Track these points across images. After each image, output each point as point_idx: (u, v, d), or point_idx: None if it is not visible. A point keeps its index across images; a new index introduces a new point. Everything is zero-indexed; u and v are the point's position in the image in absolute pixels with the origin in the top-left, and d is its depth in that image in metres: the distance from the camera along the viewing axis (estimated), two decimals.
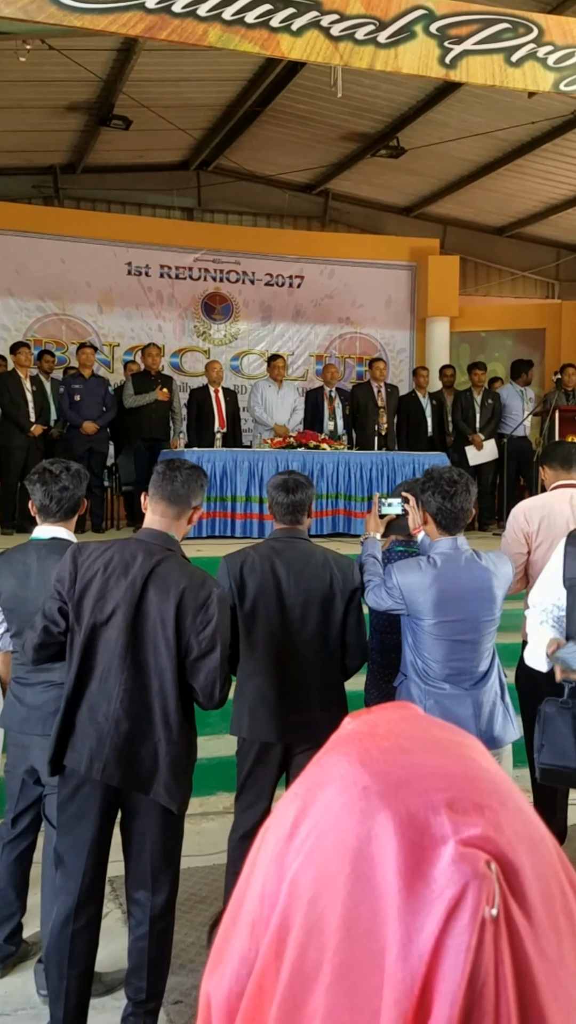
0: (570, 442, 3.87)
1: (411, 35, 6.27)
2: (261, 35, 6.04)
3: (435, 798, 0.60)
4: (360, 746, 0.64)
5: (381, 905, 0.58)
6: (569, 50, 6.48)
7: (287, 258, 11.24)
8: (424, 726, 0.69)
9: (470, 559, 3.11)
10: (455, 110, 9.16)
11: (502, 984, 0.57)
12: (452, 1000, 0.56)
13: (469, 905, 0.57)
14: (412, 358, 11.75)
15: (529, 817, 0.64)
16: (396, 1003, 0.56)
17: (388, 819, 0.59)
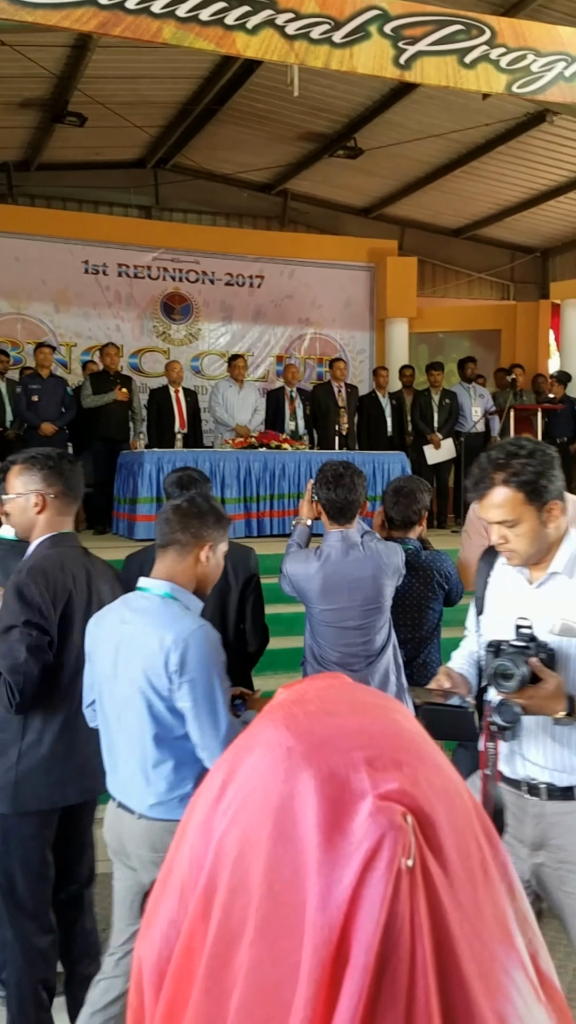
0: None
1: (366, 35, 6.31)
2: (216, 33, 6.04)
3: (355, 756, 0.62)
4: (287, 711, 0.66)
5: (302, 860, 0.60)
6: (521, 52, 6.56)
7: (247, 258, 11.24)
8: (351, 691, 0.71)
9: (356, 549, 3.25)
10: (411, 111, 9.22)
11: (418, 932, 0.58)
12: (368, 947, 0.57)
13: (385, 856, 0.58)
14: (372, 358, 11.81)
15: (446, 772, 0.65)
16: (315, 952, 0.58)
17: (310, 777, 0.61)
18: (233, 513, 7.80)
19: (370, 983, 0.57)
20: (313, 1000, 0.57)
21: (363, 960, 0.57)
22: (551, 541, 2.16)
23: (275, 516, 8.03)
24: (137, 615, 2.34)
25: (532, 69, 6.61)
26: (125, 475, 8.01)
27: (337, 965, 0.58)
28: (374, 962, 0.57)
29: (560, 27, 6.73)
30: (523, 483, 2.07)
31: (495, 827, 0.70)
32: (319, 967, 0.58)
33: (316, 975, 0.58)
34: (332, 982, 0.58)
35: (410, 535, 3.65)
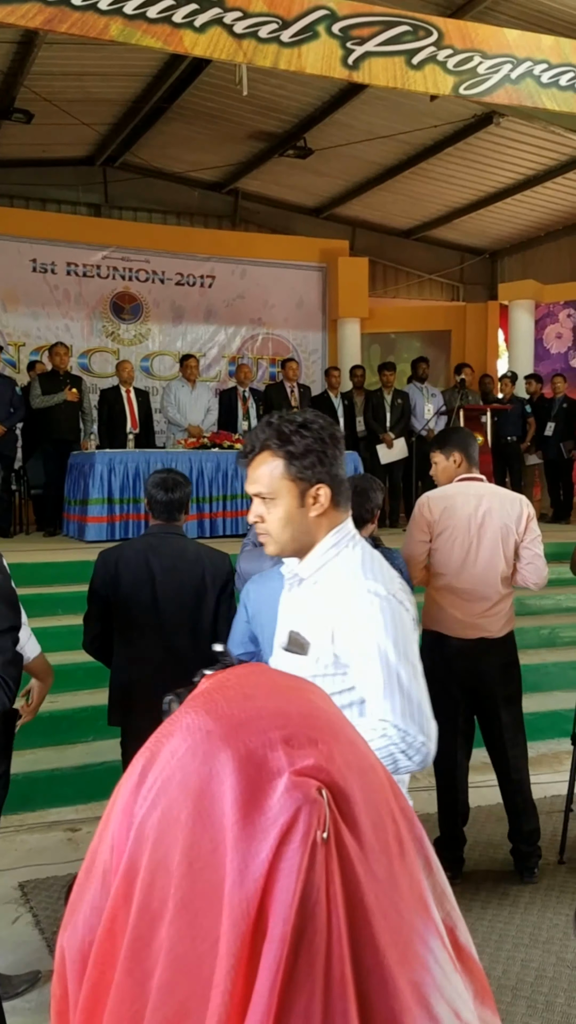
0: (468, 432, 3.93)
1: (314, 35, 6.30)
2: (164, 30, 5.99)
3: (273, 735, 0.63)
4: (207, 697, 0.67)
5: (220, 838, 0.61)
6: (468, 54, 6.60)
7: (197, 257, 11.16)
8: (270, 676, 0.73)
9: None
10: (360, 112, 9.25)
11: (333, 902, 0.60)
12: (285, 918, 0.58)
13: (301, 829, 0.60)
14: (324, 358, 11.82)
15: (361, 749, 0.67)
16: (234, 926, 0.59)
17: (228, 758, 0.62)
18: None
19: (288, 954, 0.58)
20: (233, 973, 0.58)
21: (280, 931, 0.58)
22: (312, 535, 1.87)
23: (228, 516, 8.00)
24: None
25: (479, 71, 6.66)
26: (76, 476, 7.91)
27: (256, 938, 0.59)
28: (291, 933, 0.58)
29: (506, 29, 6.79)
30: (288, 452, 1.81)
31: None
32: (238, 940, 0.58)
33: (235, 948, 0.58)
34: (251, 955, 0.58)
35: (362, 533, 3.64)
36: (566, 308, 11.76)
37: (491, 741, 3.89)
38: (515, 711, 3.85)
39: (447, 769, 3.86)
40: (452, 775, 3.86)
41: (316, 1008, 0.58)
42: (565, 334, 11.81)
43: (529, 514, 3.82)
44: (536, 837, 3.87)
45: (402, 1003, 0.60)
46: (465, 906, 3.61)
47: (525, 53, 6.70)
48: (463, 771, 3.90)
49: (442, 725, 3.82)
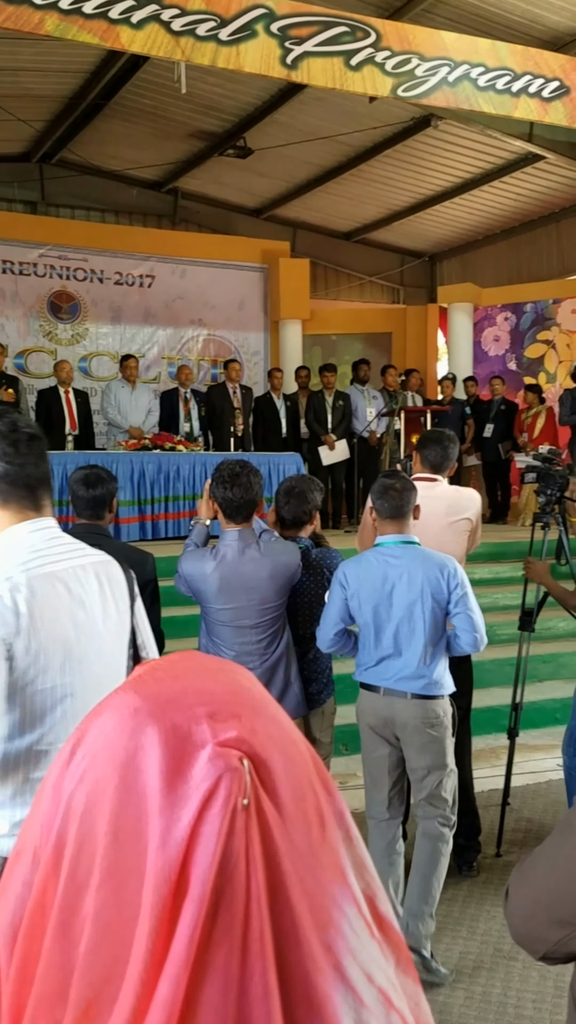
0: (446, 439, 3.90)
1: (252, 34, 6.29)
2: (100, 26, 5.93)
3: (198, 711, 0.66)
4: (138, 679, 0.71)
5: (145, 807, 0.64)
6: (406, 56, 6.66)
7: (136, 256, 11.05)
8: (200, 660, 0.76)
9: (253, 548, 3.26)
10: (299, 112, 9.27)
11: (252, 866, 0.63)
12: (204, 880, 0.61)
13: (222, 795, 0.63)
14: (266, 360, 11.80)
15: (283, 725, 0.70)
16: (156, 889, 0.61)
17: (154, 732, 0.65)
18: (127, 516, 7.67)
19: (206, 913, 0.61)
20: (153, 934, 0.61)
21: (199, 891, 0.61)
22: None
23: (170, 518, 7.93)
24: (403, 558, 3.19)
25: (416, 73, 6.72)
26: None
27: (176, 900, 0.61)
28: (210, 893, 0.61)
29: (444, 32, 6.87)
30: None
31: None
32: (159, 903, 0.61)
33: (156, 911, 0.61)
34: (172, 917, 0.61)
35: (301, 534, 3.66)
36: (503, 311, 11.94)
37: None
38: (464, 709, 3.87)
39: None
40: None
41: (234, 964, 0.61)
42: (502, 337, 11.99)
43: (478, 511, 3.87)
44: (476, 832, 3.90)
45: (316, 963, 0.64)
46: None
47: (462, 56, 6.79)
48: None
49: None
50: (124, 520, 7.62)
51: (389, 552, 3.22)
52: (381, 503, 3.27)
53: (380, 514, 3.29)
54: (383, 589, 3.17)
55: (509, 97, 6.98)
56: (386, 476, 3.36)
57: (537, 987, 3.01)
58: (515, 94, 6.98)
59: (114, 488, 3.35)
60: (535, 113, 7.11)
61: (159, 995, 0.60)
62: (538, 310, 11.63)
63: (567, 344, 11.37)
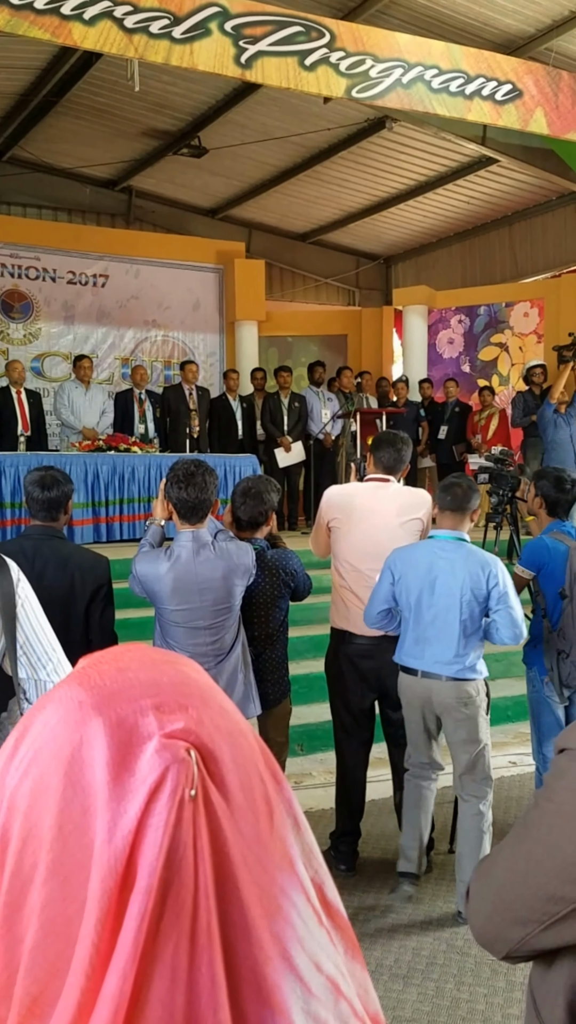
0: (399, 441, 3.91)
1: (206, 32, 6.26)
2: (52, 22, 5.86)
3: (144, 703, 0.66)
4: (82, 672, 0.70)
5: (91, 801, 0.63)
6: (360, 57, 6.67)
7: (90, 255, 10.94)
8: (145, 651, 0.75)
9: (207, 549, 3.25)
10: (254, 112, 9.26)
11: (200, 856, 0.62)
12: (152, 871, 0.61)
13: (169, 786, 0.62)
14: (222, 361, 11.75)
15: (231, 716, 0.70)
16: (102, 882, 0.61)
17: (99, 725, 0.64)
18: (81, 518, 7.58)
19: (153, 904, 0.60)
20: (99, 927, 0.60)
21: (147, 883, 0.61)
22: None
23: (125, 521, 7.85)
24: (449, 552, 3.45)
25: (371, 74, 6.74)
26: None
27: (123, 893, 0.61)
28: (157, 884, 0.61)
29: (398, 33, 6.90)
30: None
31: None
32: (105, 896, 0.61)
33: (103, 904, 0.60)
34: (118, 910, 0.60)
35: (257, 535, 3.65)
36: (457, 314, 12.04)
37: (391, 737, 3.92)
38: None
39: (350, 766, 3.88)
40: (354, 771, 3.89)
41: (182, 956, 0.61)
42: (456, 339, 12.09)
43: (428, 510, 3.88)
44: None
45: (264, 953, 0.63)
46: (359, 897, 3.62)
47: (416, 58, 6.82)
48: (364, 767, 3.93)
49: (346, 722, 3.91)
50: (78, 522, 7.53)
51: (439, 545, 3.47)
52: (444, 496, 3.50)
53: (441, 507, 3.52)
54: (427, 578, 3.41)
55: (462, 100, 7.04)
56: (455, 475, 3.67)
57: (489, 982, 3.02)
58: (468, 97, 7.03)
59: (69, 490, 3.30)
60: (488, 116, 7.18)
61: (106, 989, 0.59)
62: (491, 313, 11.74)
63: (520, 347, 11.50)
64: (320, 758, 5.09)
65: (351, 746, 3.92)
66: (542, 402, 9.12)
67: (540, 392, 9.42)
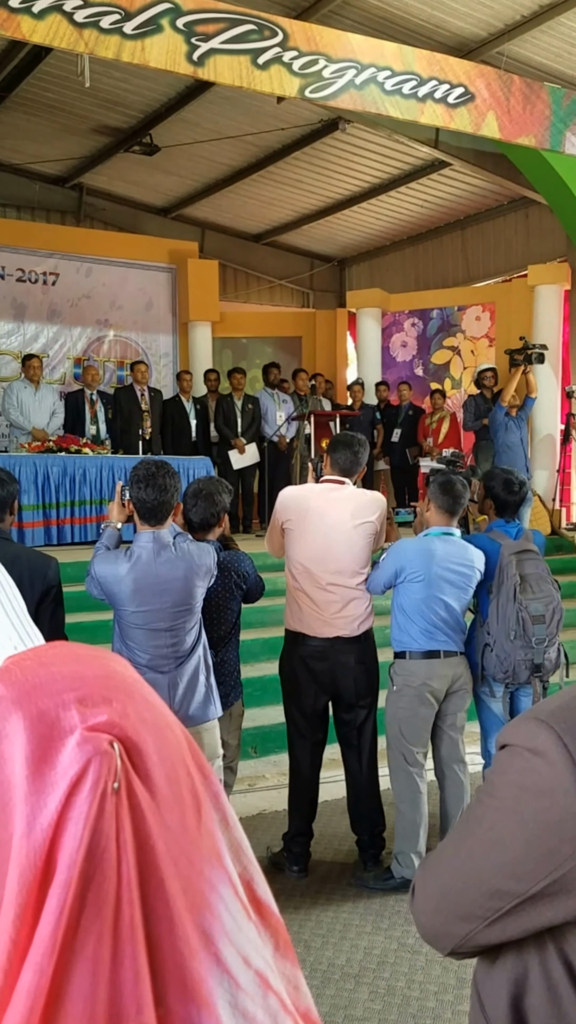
0: (356, 443, 3.91)
1: (157, 28, 6.20)
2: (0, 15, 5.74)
3: (66, 697, 0.64)
4: (3, 670, 0.68)
5: (10, 796, 0.62)
6: (313, 57, 6.66)
7: (40, 253, 10.78)
8: (69, 648, 0.73)
9: (168, 550, 3.22)
10: (207, 110, 9.21)
11: (123, 849, 0.61)
12: (72, 863, 0.60)
13: (90, 779, 0.61)
14: (175, 362, 11.67)
15: (156, 707, 0.69)
16: (20, 876, 0.60)
17: (19, 719, 0.63)
18: (31, 521, 7.46)
19: (73, 897, 0.59)
20: (17, 921, 0.59)
21: (66, 876, 0.59)
22: None
23: (76, 523, 7.75)
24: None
25: (324, 74, 6.73)
26: None
27: (43, 887, 0.60)
28: (78, 877, 0.59)
29: (350, 34, 6.90)
30: None
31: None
32: (24, 889, 0.59)
33: (22, 898, 0.59)
34: (37, 903, 0.59)
35: (209, 537, 3.61)
36: (411, 317, 12.10)
37: (344, 738, 3.91)
38: (369, 708, 3.89)
39: (303, 767, 3.86)
40: (307, 773, 3.87)
41: (105, 950, 0.59)
42: (410, 343, 12.16)
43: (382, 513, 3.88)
44: (380, 828, 3.90)
45: (190, 947, 0.62)
46: (311, 898, 3.59)
47: (369, 59, 6.83)
48: (317, 769, 3.92)
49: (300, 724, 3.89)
50: (28, 524, 7.41)
51: (437, 539, 3.76)
52: (442, 497, 3.75)
53: (437, 504, 3.79)
54: (429, 568, 3.68)
55: (415, 102, 7.06)
56: (453, 474, 3.91)
57: (440, 979, 3.01)
58: (421, 99, 7.06)
59: (15, 490, 3.21)
60: (440, 119, 7.21)
61: (22, 983, 0.57)
62: (444, 316, 11.83)
63: (471, 350, 11.60)
64: (273, 760, 5.06)
65: (304, 747, 3.91)
66: (493, 405, 9.20)
67: (491, 395, 9.50)
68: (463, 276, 12.05)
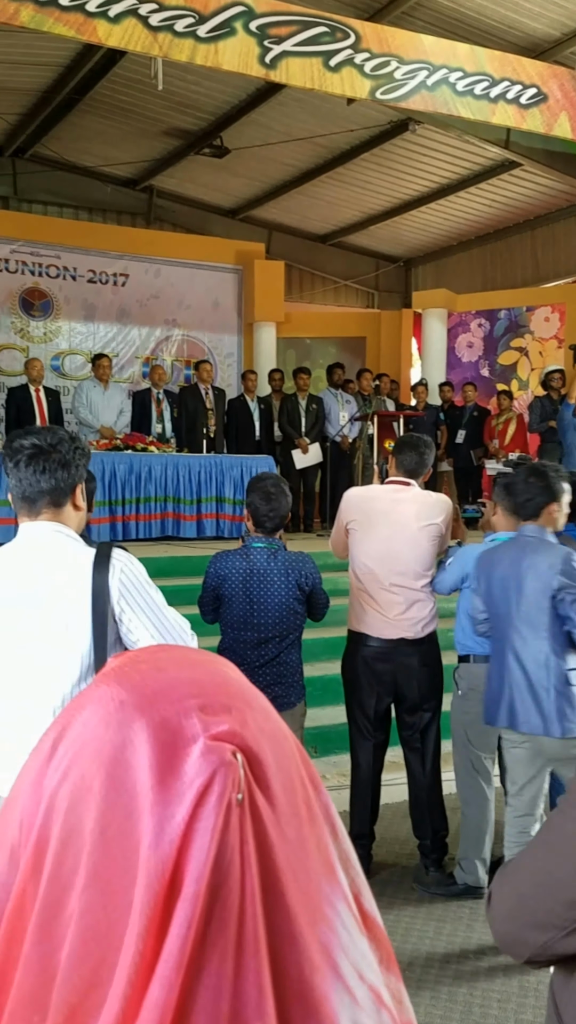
0: (423, 445, 3.89)
1: (231, 31, 6.26)
2: (76, 19, 5.87)
3: (187, 704, 0.64)
4: (119, 671, 0.69)
5: (135, 805, 0.62)
6: (385, 58, 6.66)
7: (110, 254, 10.96)
8: (181, 651, 0.74)
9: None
10: (277, 112, 9.25)
11: (247, 862, 0.61)
12: (199, 877, 0.59)
13: (216, 790, 0.61)
14: (240, 362, 11.75)
15: (272, 717, 0.69)
16: (148, 887, 0.59)
17: (142, 726, 0.63)
18: (98, 517, 7.59)
19: (200, 911, 0.59)
20: (145, 933, 0.59)
21: (194, 889, 0.59)
22: None
23: (141, 520, 7.86)
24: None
25: (395, 76, 6.72)
26: None
27: (170, 898, 0.59)
28: (205, 891, 0.59)
29: (423, 35, 6.88)
30: None
31: None
32: (151, 902, 0.59)
33: (148, 910, 0.59)
34: (164, 915, 0.59)
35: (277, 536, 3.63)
36: (477, 318, 11.99)
37: (407, 741, 3.90)
38: (433, 711, 3.88)
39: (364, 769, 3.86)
40: (369, 775, 3.87)
41: (228, 965, 0.59)
42: (476, 343, 12.05)
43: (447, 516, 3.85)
44: (444, 834, 3.89)
45: (312, 962, 0.62)
46: None
47: (441, 60, 6.80)
48: (378, 771, 3.92)
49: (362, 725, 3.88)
50: (95, 521, 7.54)
51: (508, 543, 3.58)
52: (508, 500, 3.62)
53: (505, 510, 3.67)
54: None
55: (487, 103, 7.01)
56: (531, 473, 3.68)
57: (502, 987, 2.99)
58: (493, 100, 7.01)
59: (92, 487, 3.29)
60: (512, 119, 7.14)
61: (150, 998, 0.57)
62: (512, 317, 11.69)
63: (539, 352, 11.45)
64: (334, 760, 5.06)
65: (366, 749, 3.90)
66: (560, 407, 9.06)
67: (558, 397, 9.36)
68: (532, 276, 11.90)
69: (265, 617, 3.50)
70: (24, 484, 2.12)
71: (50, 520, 2.14)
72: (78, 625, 2.04)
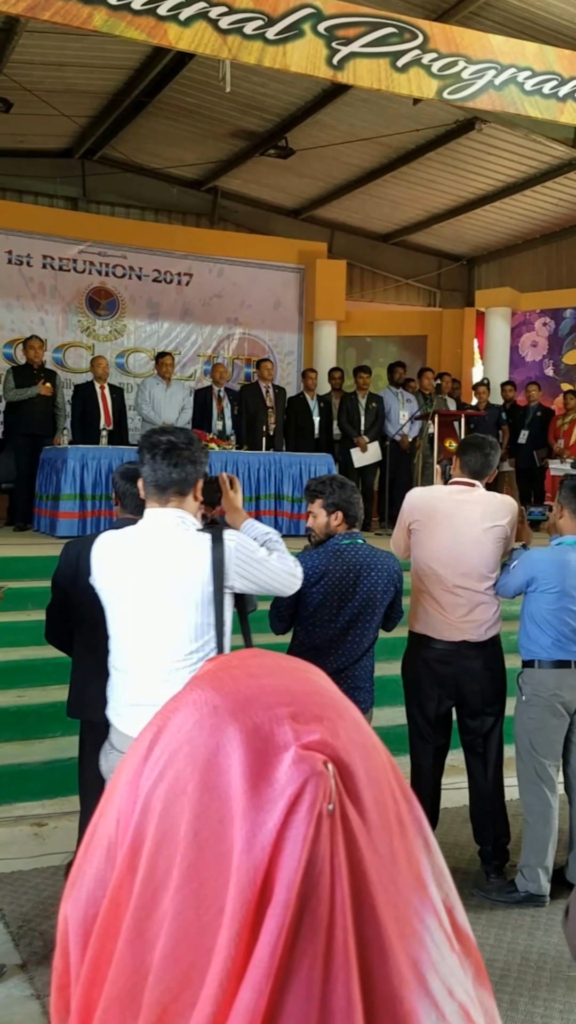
0: (488, 446, 3.87)
1: (299, 33, 6.28)
2: (148, 23, 5.94)
3: (279, 712, 0.65)
4: (213, 676, 0.70)
5: (228, 809, 0.63)
6: (452, 58, 6.62)
7: (175, 254, 11.09)
8: (272, 658, 0.75)
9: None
10: (342, 113, 9.24)
11: (337, 873, 0.61)
12: (290, 885, 0.60)
13: (307, 800, 0.62)
14: (300, 360, 11.79)
15: (364, 728, 0.69)
16: (240, 892, 0.60)
17: (235, 732, 0.64)
18: None
19: (291, 919, 0.59)
20: (237, 939, 0.60)
21: (285, 897, 0.60)
22: None
23: None
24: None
25: (463, 76, 6.68)
26: (48, 471, 7.81)
27: (261, 905, 0.60)
28: (295, 899, 0.59)
29: (491, 35, 6.82)
30: None
31: None
32: (244, 907, 0.60)
33: (241, 915, 0.60)
34: (255, 921, 0.60)
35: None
36: (542, 316, 11.84)
37: (469, 745, 3.88)
38: (496, 716, 3.85)
39: (424, 772, 3.85)
40: (428, 778, 3.86)
41: (318, 974, 0.59)
42: (540, 343, 11.89)
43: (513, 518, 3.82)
44: (505, 839, 3.87)
45: (401, 976, 0.61)
46: None
47: (509, 60, 6.74)
48: (438, 774, 3.90)
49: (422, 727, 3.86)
50: None
51: (572, 550, 3.64)
52: (574, 502, 3.65)
53: (572, 512, 3.67)
54: (563, 580, 3.57)
55: (555, 102, 6.92)
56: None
57: (564, 998, 2.98)
58: (561, 99, 6.92)
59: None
60: None
61: (240, 1002, 0.57)
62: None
63: None
64: None
65: (426, 751, 3.88)
66: None
67: None
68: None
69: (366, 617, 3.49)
70: (158, 474, 2.49)
71: (176, 507, 2.50)
72: (200, 592, 2.43)
